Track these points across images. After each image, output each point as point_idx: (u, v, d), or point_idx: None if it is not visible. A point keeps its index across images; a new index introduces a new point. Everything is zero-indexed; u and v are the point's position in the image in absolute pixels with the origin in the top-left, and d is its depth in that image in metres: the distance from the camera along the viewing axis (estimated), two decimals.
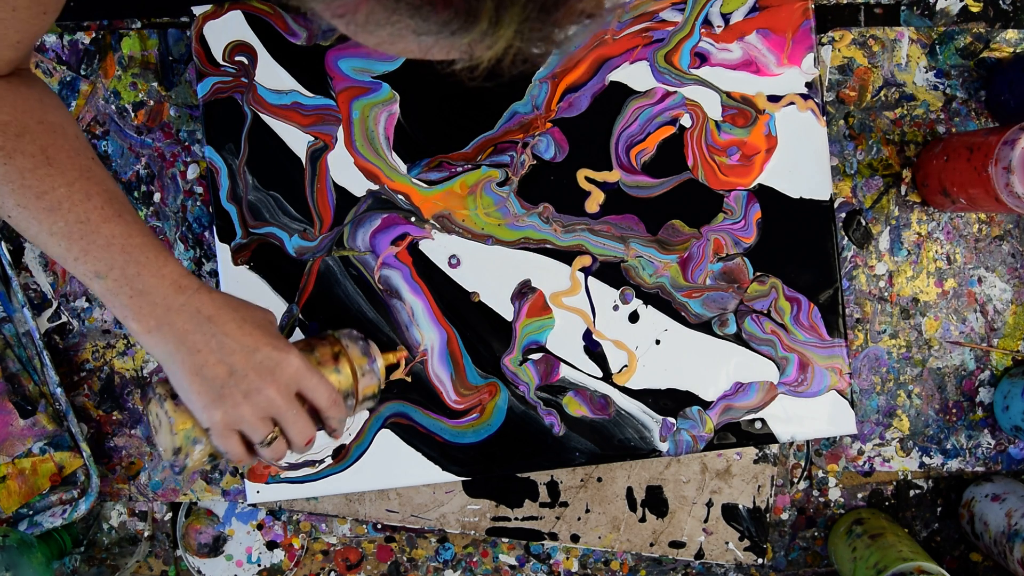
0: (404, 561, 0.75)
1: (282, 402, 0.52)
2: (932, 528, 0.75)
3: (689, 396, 0.70)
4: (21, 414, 0.71)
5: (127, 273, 0.50)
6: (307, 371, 0.53)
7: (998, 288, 0.74)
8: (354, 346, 0.58)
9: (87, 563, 0.74)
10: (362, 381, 0.58)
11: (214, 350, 0.50)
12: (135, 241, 0.50)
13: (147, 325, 0.50)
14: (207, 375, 0.50)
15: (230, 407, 0.51)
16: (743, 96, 0.70)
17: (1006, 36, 0.73)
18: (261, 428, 0.52)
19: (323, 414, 0.55)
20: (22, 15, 0.49)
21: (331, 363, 0.57)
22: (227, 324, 0.51)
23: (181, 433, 0.53)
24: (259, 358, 0.51)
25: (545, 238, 0.70)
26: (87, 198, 0.50)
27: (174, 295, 0.50)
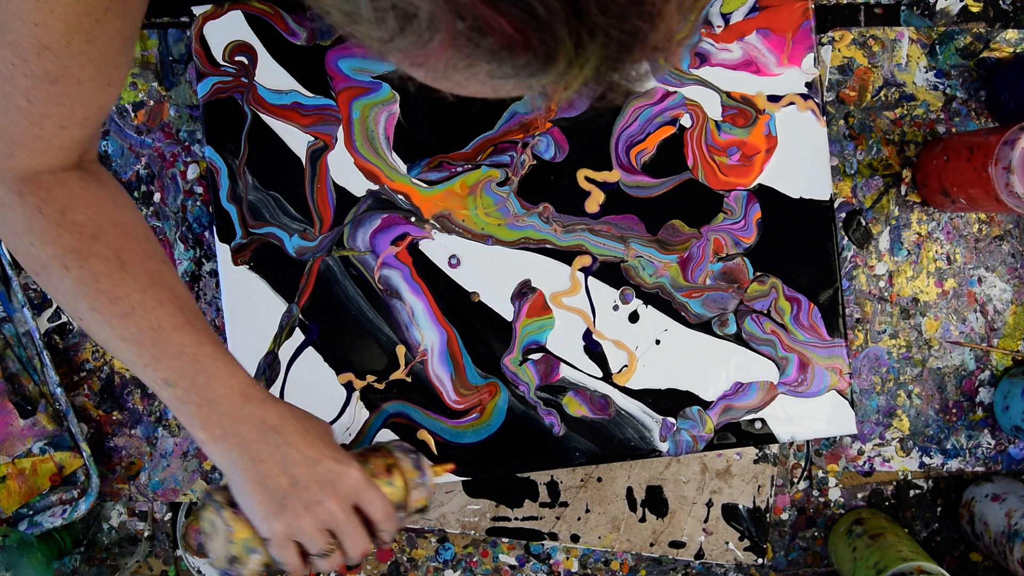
0: (404, 561, 0.75)
1: (341, 515, 0.52)
2: (932, 528, 0.75)
3: (689, 396, 0.70)
4: (21, 414, 0.71)
5: (196, 383, 0.50)
6: (366, 484, 0.53)
7: (998, 288, 0.74)
8: (406, 459, 0.59)
9: (87, 563, 0.74)
10: (413, 494, 0.59)
11: (278, 460, 0.51)
12: (205, 350, 0.51)
13: (213, 434, 0.50)
14: (270, 485, 0.50)
15: (291, 518, 0.51)
16: (743, 96, 0.70)
17: (1006, 36, 0.73)
18: (320, 540, 0.52)
19: (377, 527, 0.55)
20: (87, 88, 0.48)
21: (384, 475, 0.58)
22: (291, 435, 0.51)
23: (239, 543, 0.53)
24: (321, 470, 0.51)
25: (545, 238, 0.70)
26: (159, 305, 0.50)
27: (241, 405, 0.51)
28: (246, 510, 0.52)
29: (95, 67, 0.47)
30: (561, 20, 0.27)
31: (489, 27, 0.28)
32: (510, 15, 0.27)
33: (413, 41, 0.29)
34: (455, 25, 0.28)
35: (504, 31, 0.28)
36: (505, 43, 0.28)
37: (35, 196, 0.50)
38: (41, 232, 0.50)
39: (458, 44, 0.29)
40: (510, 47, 0.29)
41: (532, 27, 0.28)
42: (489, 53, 0.29)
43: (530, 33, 0.28)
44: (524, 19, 0.27)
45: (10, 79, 0.46)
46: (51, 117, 0.48)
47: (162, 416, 0.73)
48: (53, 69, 0.46)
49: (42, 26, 0.44)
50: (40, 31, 0.44)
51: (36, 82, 0.46)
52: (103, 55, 0.47)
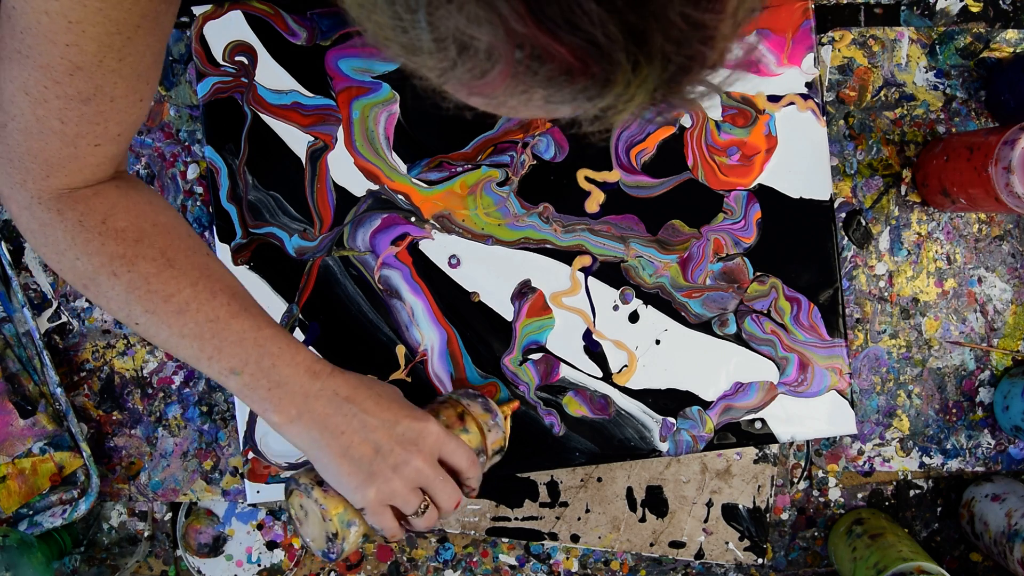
0: (404, 561, 0.75)
1: (429, 471, 0.53)
2: (932, 528, 0.75)
3: (689, 396, 0.70)
4: (21, 414, 0.71)
5: (263, 366, 0.50)
6: (446, 436, 0.54)
7: (998, 288, 0.74)
8: (475, 404, 0.60)
9: (87, 563, 0.74)
10: (489, 436, 0.60)
11: (357, 430, 0.51)
12: (265, 333, 0.51)
13: (288, 415, 0.50)
14: (355, 455, 0.51)
15: (382, 483, 0.51)
16: (743, 96, 0.70)
17: (1006, 36, 0.73)
18: (413, 499, 0.53)
19: (463, 476, 0.56)
20: (120, 105, 0.48)
21: (458, 424, 0.58)
22: (365, 402, 0.52)
23: (335, 518, 0.54)
24: (401, 430, 0.52)
25: (545, 238, 0.70)
26: (212, 296, 0.51)
27: (310, 382, 0.51)
28: (335, 484, 0.52)
29: (127, 84, 0.47)
30: (621, 46, 0.28)
31: (548, 55, 0.28)
32: (570, 43, 0.27)
33: (471, 71, 0.30)
34: (514, 55, 0.28)
35: (563, 59, 0.28)
36: (564, 70, 0.29)
37: (74, 211, 0.50)
38: (85, 244, 0.50)
39: (517, 73, 0.29)
40: (568, 73, 0.29)
41: (592, 54, 0.28)
42: (547, 80, 0.29)
43: (589, 60, 0.28)
44: (584, 47, 0.28)
45: (43, 102, 0.46)
46: (86, 136, 0.48)
47: (162, 416, 0.73)
48: (86, 89, 0.46)
49: (74, 47, 0.44)
50: (72, 52, 0.44)
51: (69, 103, 0.46)
52: (134, 72, 0.47)
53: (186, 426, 0.73)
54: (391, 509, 0.53)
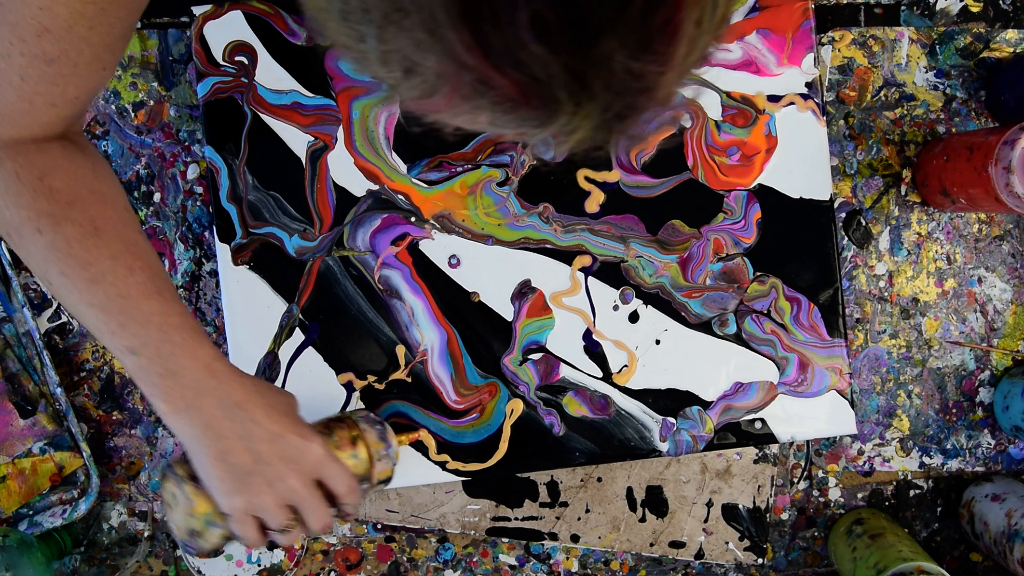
0: (404, 561, 0.75)
1: (303, 491, 0.52)
2: (932, 528, 0.75)
3: (689, 396, 0.70)
4: (21, 414, 0.71)
5: (161, 352, 0.50)
6: (329, 459, 0.53)
7: (998, 288, 0.74)
8: (372, 431, 0.59)
9: (87, 563, 0.74)
10: (377, 465, 0.59)
11: (241, 437, 0.50)
12: (173, 321, 0.50)
13: (175, 406, 0.50)
14: (232, 462, 0.50)
15: (253, 495, 0.51)
16: (743, 96, 0.70)
17: (1006, 36, 0.73)
18: (281, 516, 0.52)
19: (339, 500, 0.55)
20: (83, 71, 0.48)
21: (349, 447, 0.58)
22: (256, 411, 0.51)
23: (200, 517, 0.53)
24: (283, 445, 0.51)
25: (545, 238, 0.70)
26: (130, 273, 0.50)
27: (206, 378, 0.50)
28: (207, 485, 0.51)
29: (93, 52, 0.48)
30: (562, 86, 0.28)
31: (492, 85, 0.29)
32: (513, 77, 0.28)
33: (418, 89, 0.30)
34: (460, 80, 0.29)
35: (507, 90, 0.29)
36: (507, 99, 0.29)
37: (14, 162, 0.50)
38: (17, 196, 0.50)
39: (463, 96, 0.30)
40: (512, 103, 0.29)
41: (534, 89, 0.29)
42: (492, 104, 0.30)
43: (531, 94, 0.29)
44: (527, 82, 0.28)
45: (6, 56, 0.46)
46: (43, 95, 0.48)
47: None
48: (51, 51, 0.46)
49: (47, 11, 0.44)
50: (44, 15, 0.44)
51: (33, 62, 0.46)
52: (103, 42, 0.48)
53: None
54: (256, 520, 0.52)
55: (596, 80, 0.29)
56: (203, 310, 0.73)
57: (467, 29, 0.27)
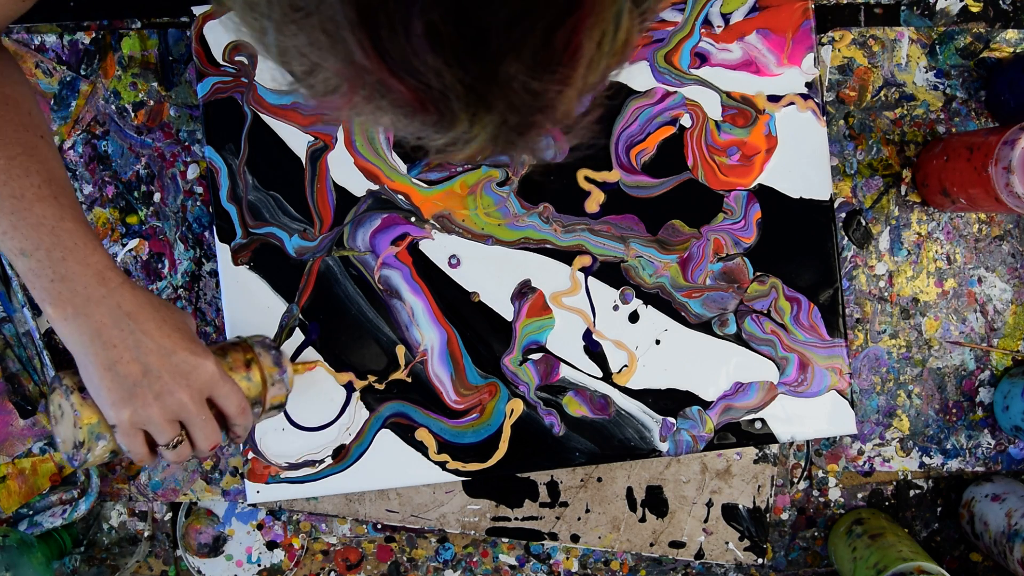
0: (404, 561, 0.75)
1: (193, 407, 0.52)
2: (932, 528, 0.75)
3: (689, 396, 0.70)
4: (21, 414, 0.71)
5: (52, 256, 0.49)
6: (220, 378, 0.53)
7: (998, 288, 0.74)
8: (266, 355, 0.59)
9: (87, 563, 0.74)
10: (271, 390, 0.58)
11: (130, 347, 0.50)
12: (66, 225, 0.50)
13: (64, 312, 0.49)
14: (120, 372, 0.50)
15: (140, 406, 0.50)
16: (743, 96, 0.70)
17: (1006, 36, 0.73)
18: (168, 430, 0.52)
19: (230, 421, 0.55)
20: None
21: (243, 369, 0.57)
22: (147, 323, 0.50)
23: (85, 428, 0.52)
24: (175, 361, 0.51)
25: (545, 238, 0.70)
26: (25, 174, 0.50)
27: (96, 286, 0.50)
28: (94, 395, 0.51)
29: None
30: (458, 97, 0.29)
31: (389, 89, 0.29)
32: (410, 84, 0.28)
33: (317, 88, 0.31)
34: (359, 82, 0.29)
35: (404, 96, 0.29)
36: (404, 104, 0.29)
37: None
38: None
39: (362, 97, 0.30)
40: (409, 108, 0.30)
41: (431, 97, 0.29)
42: (392, 107, 0.30)
43: (428, 101, 0.29)
44: (423, 89, 0.28)
45: None
46: None
47: None
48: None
49: None
50: None
51: None
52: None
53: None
54: (143, 434, 0.52)
55: (492, 95, 0.29)
56: (203, 310, 0.73)
57: (365, 33, 0.27)
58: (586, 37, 0.28)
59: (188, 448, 0.54)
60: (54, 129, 0.72)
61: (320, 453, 0.70)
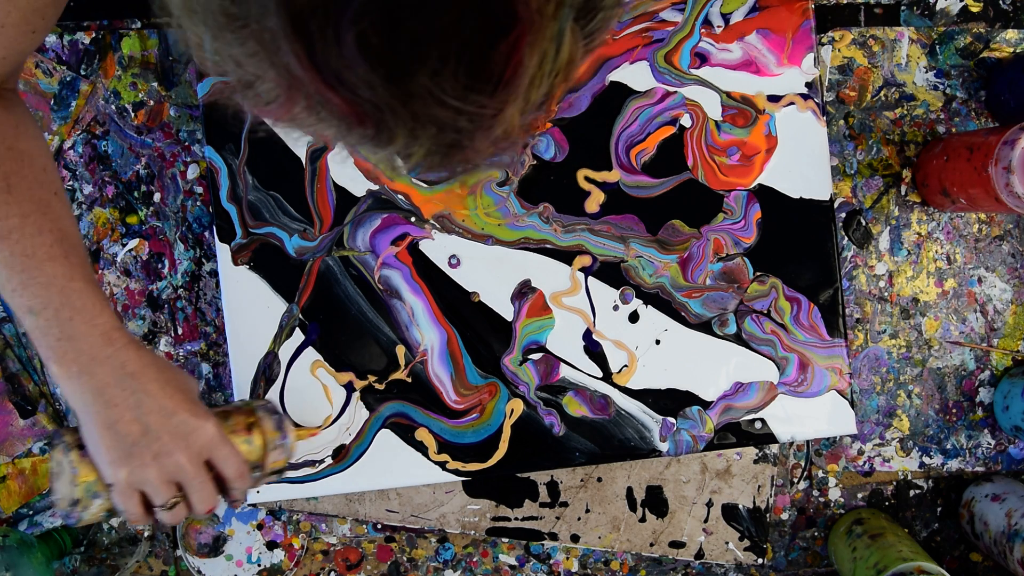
0: (404, 561, 0.75)
1: (190, 469, 0.52)
2: (932, 528, 0.75)
3: (689, 396, 0.70)
4: (21, 414, 0.71)
5: (60, 316, 0.49)
6: (220, 441, 0.53)
7: (998, 288, 0.74)
8: (268, 419, 0.59)
9: (87, 563, 0.74)
10: (271, 455, 0.58)
11: (131, 407, 0.50)
12: (75, 286, 0.50)
13: (68, 370, 0.50)
14: (120, 431, 0.50)
15: (137, 466, 0.50)
16: (743, 96, 0.70)
17: (1006, 36, 0.73)
18: (165, 492, 0.52)
19: (228, 484, 0.55)
20: (10, 32, 0.48)
21: (244, 433, 0.58)
22: (149, 383, 0.51)
23: (82, 485, 0.53)
24: (175, 422, 0.51)
25: (545, 238, 0.70)
26: (38, 233, 0.50)
27: (102, 346, 0.50)
28: (93, 453, 0.51)
29: (21, 15, 0.48)
30: (392, 110, 0.28)
31: (327, 101, 0.29)
32: (344, 95, 0.28)
33: (258, 97, 0.31)
34: (297, 94, 0.29)
35: (340, 107, 0.29)
36: (343, 117, 0.29)
37: None
38: None
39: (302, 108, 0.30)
40: (348, 120, 0.29)
41: (367, 111, 0.29)
42: (332, 119, 0.30)
43: (364, 116, 0.29)
44: (359, 102, 0.28)
45: None
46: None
47: None
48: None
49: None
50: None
51: None
52: (32, 6, 0.48)
53: None
54: (140, 495, 0.52)
55: (427, 111, 0.28)
56: (203, 310, 0.73)
57: (299, 43, 0.27)
58: (526, 56, 0.28)
59: (184, 510, 0.54)
60: (54, 129, 0.72)
61: (320, 453, 0.70)
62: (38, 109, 0.72)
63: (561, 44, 0.29)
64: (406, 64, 0.27)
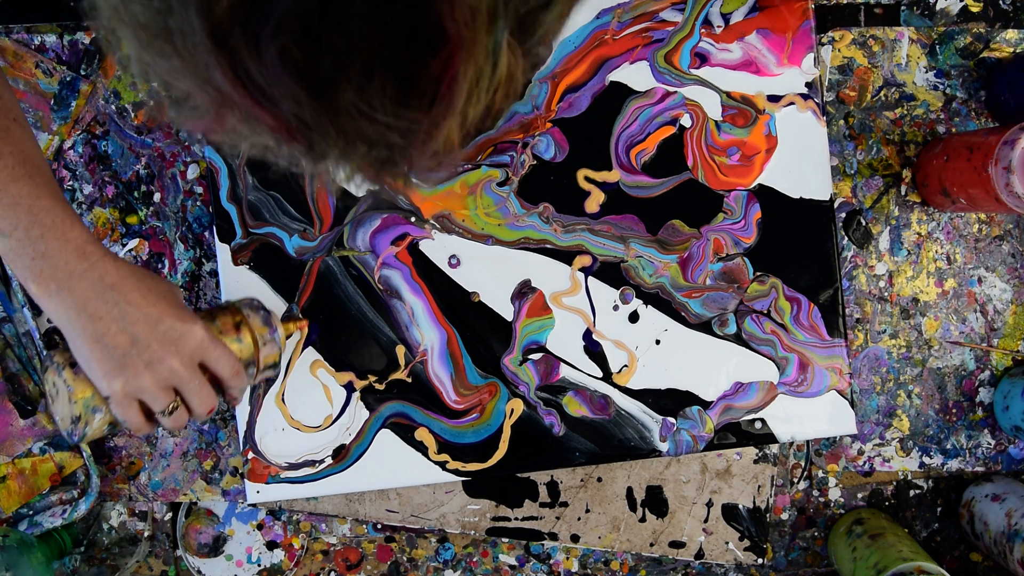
0: (404, 561, 0.75)
1: (184, 373, 0.52)
2: (932, 528, 0.75)
3: (689, 396, 0.70)
4: (21, 414, 0.71)
5: (31, 235, 0.49)
6: (211, 342, 0.53)
7: (998, 288, 0.74)
8: (255, 315, 0.58)
9: (87, 563, 0.74)
10: (263, 350, 0.58)
11: (116, 318, 0.50)
12: (42, 203, 0.50)
13: (47, 288, 0.49)
14: (108, 343, 0.50)
15: (131, 376, 0.50)
16: (743, 96, 0.70)
17: (1006, 36, 0.73)
18: (162, 398, 0.52)
19: (225, 384, 0.55)
20: None
21: (233, 332, 0.57)
22: (131, 293, 0.50)
23: (80, 402, 0.53)
24: (163, 328, 0.51)
25: (545, 238, 0.70)
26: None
27: (77, 261, 0.50)
28: (85, 368, 0.51)
29: None
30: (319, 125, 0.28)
31: (256, 117, 0.29)
32: (275, 114, 0.28)
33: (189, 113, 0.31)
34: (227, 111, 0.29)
35: (269, 123, 0.29)
36: (272, 132, 0.29)
37: None
38: None
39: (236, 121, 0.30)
40: (280, 136, 0.29)
41: (297, 128, 0.28)
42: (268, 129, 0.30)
43: (295, 132, 0.29)
44: (289, 119, 0.28)
45: None
46: None
47: None
48: None
49: None
50: None
51: None
52: None
53: (186, 426, 0.73)
54: (138, 403, 0.52)
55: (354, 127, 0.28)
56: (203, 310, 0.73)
57: (224, 58, 0.27)
58: (460, 72, 0.27)
59: (185, 414, 0.53)
60: (54, 129, 0.72)
61: (320, 453, 0.70)
62: (38, 109, 0.72)
63: (498, 59, 0.28)
64: (330, 80, 0.26)
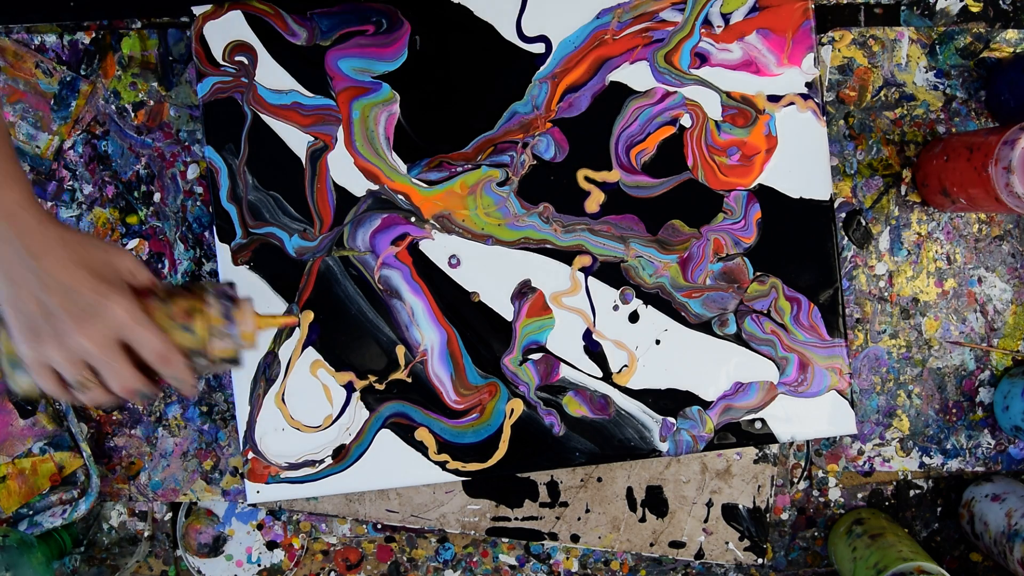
0: (404, 561, 0.75)
1: (95, 349, 0.50)
2: (932, 528, 0.75)
3: (689, 396, 0.70)
4: (21, 414, 0.71)
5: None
6: (131, 323, 0.50)
7: (998, 288, 0.74)
8: (217, 305, 0.55)
9: (87, 563, 0.74)
10: (213, 343, 0.55)
11: (33, 286, 0.49)
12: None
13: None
14: (23, 310, 0.49)
15: (42, 346, 0.50)
16: (743, 96, 0.70)
17: (1006, 36, 0.73)
18: (73, 372, 0.50)
19: (153, 368, 0.52)
20: None
21: (181, 318, 0.54)
22: (51, 261, 0.49)
23: (4, 357, 0.53)
24: (75, 300, 0.49)
25: (545, 238, 0.70)
26: None
27: (3, 224, 0.48)
28: (7, 329, 0.51)
29: None
30: None
31: None
32: None
33: None
34: None
35: None
36: None
37: None
38: None
39: None
40: None
41: None
42: None
43: None
44: None
45: None
46: None
47: (162, 416, 0.73)
48: None
49: None
50: None
51: None
52: None
53: (186, 426, 0.73)
54: (55, 373, 0.51)
55: None
56: None
57: None
58: None
59: (100, 391, 0.52)
60: (54, 129, 0.72)
61: (320, 453, 0.70)
62: (38, 109, 0.72)
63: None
64: None
